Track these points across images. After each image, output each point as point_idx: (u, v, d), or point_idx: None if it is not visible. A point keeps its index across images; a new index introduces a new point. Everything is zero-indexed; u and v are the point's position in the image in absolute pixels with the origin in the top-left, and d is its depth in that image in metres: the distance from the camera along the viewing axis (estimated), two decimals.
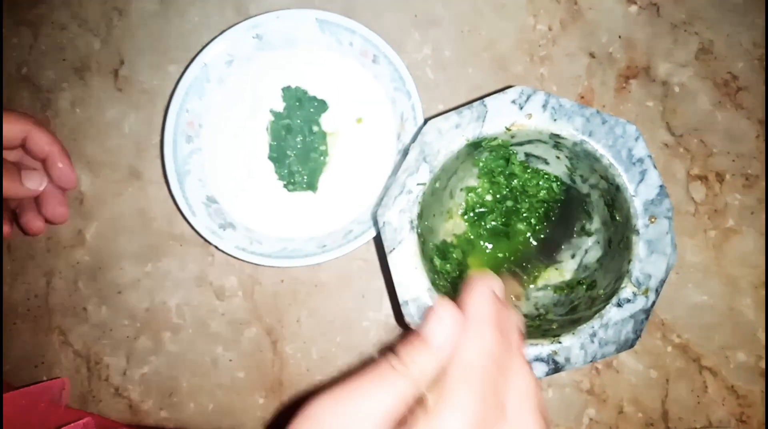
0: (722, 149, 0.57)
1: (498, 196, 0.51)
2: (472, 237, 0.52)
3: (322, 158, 0.55)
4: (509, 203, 0.51)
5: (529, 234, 0.51)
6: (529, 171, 0.50)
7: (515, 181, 0.50)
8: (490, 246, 0.52)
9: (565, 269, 0.50)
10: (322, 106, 0.55)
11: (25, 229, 0.53)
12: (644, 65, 0.58)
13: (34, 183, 0.50)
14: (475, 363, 0.26)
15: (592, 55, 0.59)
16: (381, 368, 0.26)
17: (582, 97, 0.58)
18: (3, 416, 0.45)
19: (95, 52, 0.61)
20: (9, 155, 0.51)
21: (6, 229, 0.52)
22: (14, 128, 0.49)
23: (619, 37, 0.59)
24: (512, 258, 0.51)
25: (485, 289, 0.28)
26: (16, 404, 0.47)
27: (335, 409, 0.25)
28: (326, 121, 0.56)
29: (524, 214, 0.51)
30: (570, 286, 0.49)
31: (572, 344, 0.41)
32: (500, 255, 0.51)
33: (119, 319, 0.57)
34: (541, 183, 0.50)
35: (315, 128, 0.55)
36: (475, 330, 0.27)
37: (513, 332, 0.29)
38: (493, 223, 0.51)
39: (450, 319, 0.27)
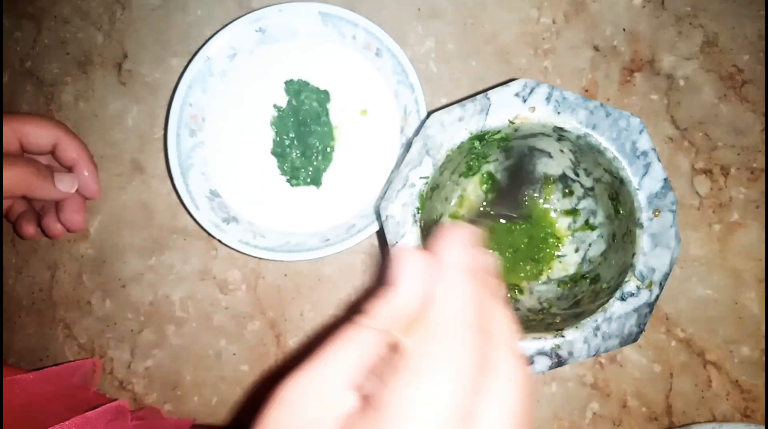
0: (727, 143, 0.56)
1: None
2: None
3: (326, 152, 0.55)
4: None
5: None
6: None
7: None
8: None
9: (568, 263, 0.50)
10: (325, 99, 0.55)
11: (45, 231, 0.54)
12: (649, 58, 0.58)
13: (66, 185, 0.52)
14: (459, 310, 0.24)
15: (596, 48, 0.58)
16: (346, 329, 0.24)
17: (586, 91, 0.58)
18: (33, 395, 0.46)
19: (98, 45, 0.61)
20: (40, 159, 0.53)
21: (31, 229, 0.54)
22: (46, 134, 0.51)
23: (624, 29, 0.59)
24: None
25: (459, 235, 0.26)
26: (46, 383, 0.47)
27: (303, 384, 0.23)
28: (330, 114, 0.56)
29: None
30: (573, 280, 0.49)
31: (575, 338, 0.41)
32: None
33: (123, 313, 0.57)
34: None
35: (318, 122, 0.55)
36: (454, 276, 0.25)
37: (491, 279, 0.27)
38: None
39: (421, 263, 0.25)
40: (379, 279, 0.56)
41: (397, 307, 0.24)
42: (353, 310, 0.55)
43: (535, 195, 0.52)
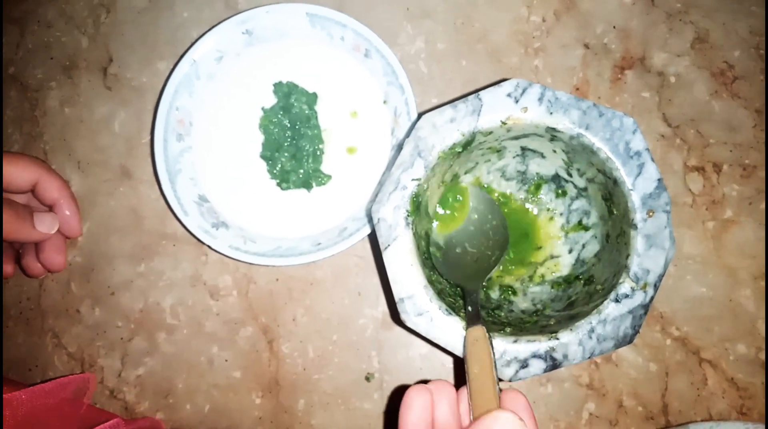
0: (719, 139, 0.56)
1: None
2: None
3: (316, 155, 0.54)
4: None
5: None
6: None
7: None
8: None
9: (562, 264, 0.50)
10: (314, 101, 0.55)
11: (25, 270, 0.53)
12: (640, 55, 0.58)
13: (46, 226, 0.50)
14: None
15: (586, 46, 0.58)
16: None
17: (577, 89, 0.57)
18: (25, 416, 0.44)
19: (83, 49, 0.60)
20: (18, 198, 0.52)
21: (9, 268, 0.53)
22: (26, 174, 0.50)
23: (614, 27, 0.58)
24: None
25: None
26: (37, 401, 0.46)
27: None
28: (319, 116, 0.55)
29: None
30: (567, 281, 0.48)
31: (570, 340, 0.41)
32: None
33: (113, 321, 0.56)
34: None
35: (307, 124, 0.54)
36: None
37: None
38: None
39: None
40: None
41: None
42: None
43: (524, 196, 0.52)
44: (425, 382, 0.37)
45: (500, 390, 0.36)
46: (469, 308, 0.42)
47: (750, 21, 0.58)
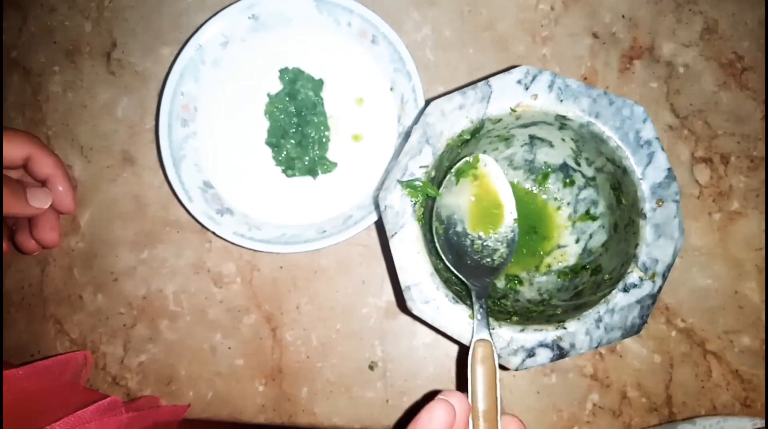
0: (727, 131, 0.56)
1: None
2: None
3: (322, 142, 0.54)
4: None
5: None
6: None
7: None
8: None
9: (569, 254, 0.50)
10: (320, 88, 0.54)
11: (18, 247, 0.53)
12: (648, 45, 0.57)
13: (40, 201, 0.50)
14: None
15: (595, 36, 0.58)
16: None
17: (585, 79, 0.57)
18: (23, 392, 0.44)
19: (86, 34, 0.60)
20: (11, 173, 0.52)
21: (4, 246, 0.52)
22: (18, 149, 0.50)
23: (623, 16, 0.58)
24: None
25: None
26: (35, 378, 0.46)
27: None
28: (325, 103, 0.54)
29: None
30: (574, 270, 0.48)
31: (577, 330, 0.41)
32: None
33: (115, 307, 0.56)
34: None
35: (313, 111, 0.54)
36: None
37: None
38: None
39: None
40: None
41: None
42: None
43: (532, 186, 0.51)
44: (437, 392, 0.37)
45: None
46: (478, 317, 0.40)
47: (759, 12, 0.57)
